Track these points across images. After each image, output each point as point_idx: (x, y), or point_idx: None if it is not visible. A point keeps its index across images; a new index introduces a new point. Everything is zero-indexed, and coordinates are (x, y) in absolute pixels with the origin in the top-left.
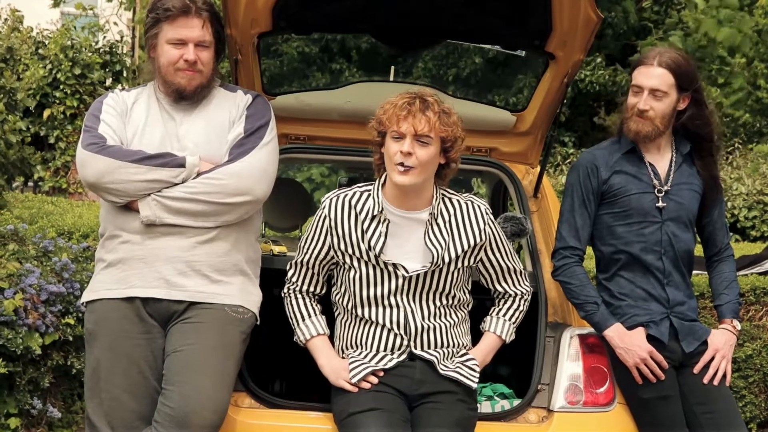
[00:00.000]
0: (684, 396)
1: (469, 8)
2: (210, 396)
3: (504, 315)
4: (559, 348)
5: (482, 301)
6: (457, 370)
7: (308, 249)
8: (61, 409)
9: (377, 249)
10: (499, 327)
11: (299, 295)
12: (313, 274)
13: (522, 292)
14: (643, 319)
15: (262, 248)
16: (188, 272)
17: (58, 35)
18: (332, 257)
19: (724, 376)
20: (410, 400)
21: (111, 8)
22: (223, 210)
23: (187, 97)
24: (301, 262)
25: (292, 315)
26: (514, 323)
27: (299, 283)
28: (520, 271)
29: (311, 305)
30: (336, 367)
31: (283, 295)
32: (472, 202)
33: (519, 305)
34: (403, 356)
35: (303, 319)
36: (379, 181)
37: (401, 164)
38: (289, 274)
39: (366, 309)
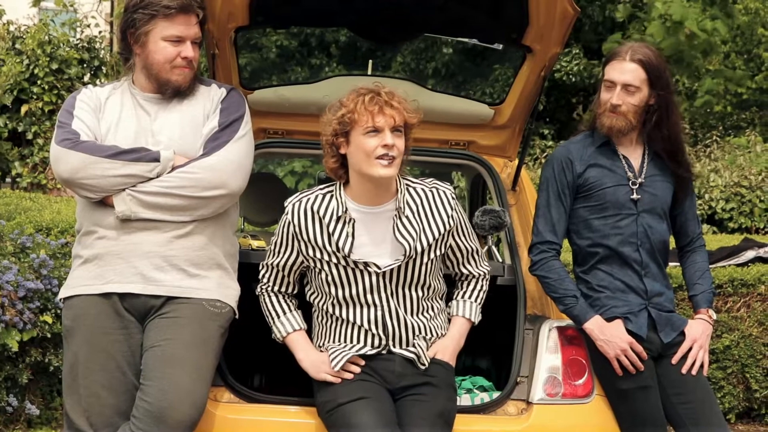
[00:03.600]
0: (662, 387)
1: (446, 2)
2: (188, 391)
3: (470, 297)
4: (537, 340)
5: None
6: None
7: (277, 253)
8: (39, 405)
9: (346, 249)
10: (467, 310)
11: (272, 294)
12: (283, 276)
13: (484, 272)
14: (621, 310)
15: (241, 243)
16: (165, 267)
17: (35, 30)
18: (302, 261)
19: (702, 366)
20: (393, 393)
21: (90, 4)
22: (198, 204)
23: (181, 93)
24: (272, 264)
25: (268, 313)
26: (480, 304)
27: (271, 284)
28: (479, 251)
29: (286, 302)
30: (315, 360)
31: (257, 293)
32: (437, 188)
33: (482, 285)
34: (384, 351)
35: (278, 317)
36: (341, 181)
37: (384, 157)
38: (261, 273)
39: (342, 309)
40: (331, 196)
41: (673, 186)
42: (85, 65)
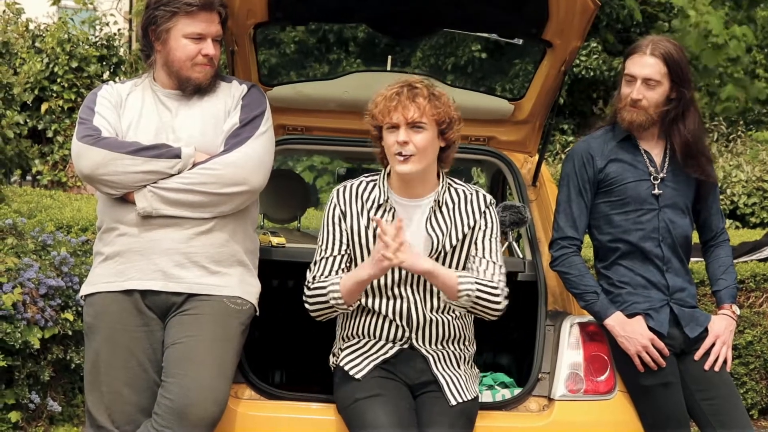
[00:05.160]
0: (685, 383)
1: None
2: (210, 388)
3: (472, 278)
4: (559, 336)
5: None
6: (449, 380)
7: (325, 242)
8: (61, 402)
9: None
10: (464, 277)
11: (312, 287)
12: (333, 263)
13: (501, 289)
14: (643, 306)
15: (261, 240)
16: (186, 264)
17: (55, 29)
18: (349, 245)
19: (725, 362)
20: (413, 389)
21: (109, 2)
22: (219, 200)
23: (201, 90)
24: (323, 258)
25: (319, 301)
26: (474, 291)
27: (319, 276)
28: (499, 266)
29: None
30: (371, 265)
31: (304, 300)
32: (477, 192)
33: (483, 290)
34: (405, 346)
35: (326, 292)
36: (385, 171)
37: (400, 154)
38: (309, 276)
39: (369, 299)
40: (375, 184)
41: (695, 181)
42: (104, 63)
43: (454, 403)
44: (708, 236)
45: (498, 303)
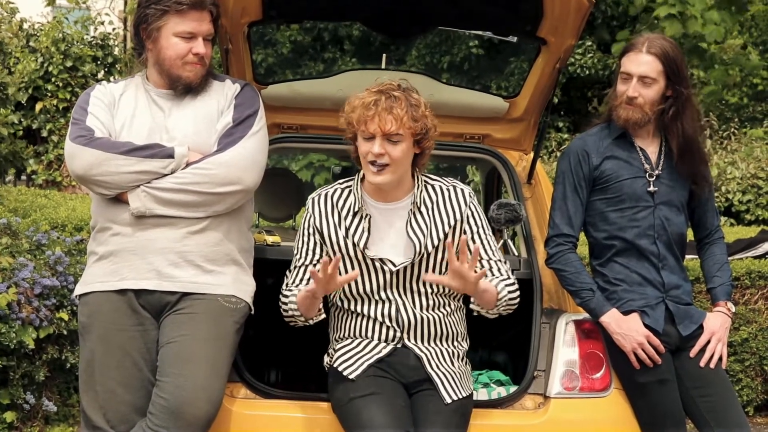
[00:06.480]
0: (680, 380)
1: None
2: (204, 387)
3: (501, 282)
4: (554, 334)
5: None
6: (443, 378)
7: (301, 252)
8: (57, 402)
9: (361, 245)
10: (497, 284)
11: (287, 294)
12: (305, 272)
13: (512, 282)
14: (638, 303)
15: (256, 238)
16: (180, 263)
17: (49, 28)
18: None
19: (721, 359)
20: (408, 388)
21: (103, 1)
22: (213, 200)
23: (192, 89)
24: (296, 267)
25: (287, 310)
26: (507, 293)
27: (291, 284)
28: (502, 261)
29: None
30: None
31: (282, 311)
32: (455, 187)
33: (511, 288)
34: (398, 345)
35: (287, 303)
36: (359, 175)
37: (373, 163)
38: (286, 282)
39: (357, 304)
40: (350, 191)
41: (690, 178)
42: (99, 62)
43: (449, 401)
44: (703, 234)
45: (518, 296)
